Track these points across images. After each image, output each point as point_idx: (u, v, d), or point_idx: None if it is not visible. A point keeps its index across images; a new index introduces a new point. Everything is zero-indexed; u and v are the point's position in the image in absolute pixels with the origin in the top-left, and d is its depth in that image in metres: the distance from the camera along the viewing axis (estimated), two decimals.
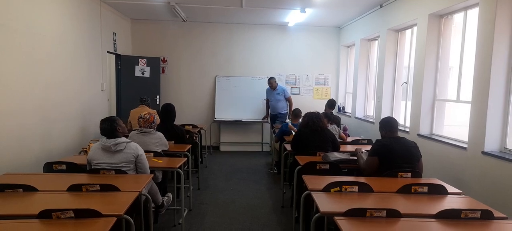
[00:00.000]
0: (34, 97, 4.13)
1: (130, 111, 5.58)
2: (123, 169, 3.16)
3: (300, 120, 5.13)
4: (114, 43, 6.84)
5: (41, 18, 4.28)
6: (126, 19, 7.70)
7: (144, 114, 4.03)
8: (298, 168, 3.58)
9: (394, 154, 3.24)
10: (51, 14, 4.52)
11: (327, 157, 3.70)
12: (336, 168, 3.50)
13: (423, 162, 3.44)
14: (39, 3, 4.23)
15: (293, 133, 5.09)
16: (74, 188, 2.65)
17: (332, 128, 5.02)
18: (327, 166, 3.48)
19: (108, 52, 6.53)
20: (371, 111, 7.06)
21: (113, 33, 6.79)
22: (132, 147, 3.23)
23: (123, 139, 3.22)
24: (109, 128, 3.21)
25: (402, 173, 3.18)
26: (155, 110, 5.67)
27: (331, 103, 6.70)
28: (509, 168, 3.38)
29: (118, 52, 7.03)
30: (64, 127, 4.82)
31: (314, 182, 2.96)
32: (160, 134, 4.08)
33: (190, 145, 4.68)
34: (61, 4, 4.77)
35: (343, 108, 8.43)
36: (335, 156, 3.72)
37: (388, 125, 3.41)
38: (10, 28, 3.69)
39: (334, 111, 7.17)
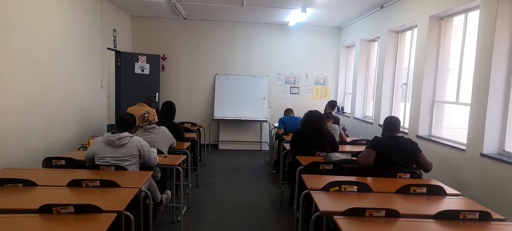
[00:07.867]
0: (34, 93, 4.11)
1: (127, 109, 5.50)
2: (127, 163, 3.18)
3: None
4: (114, 40, 6.82)
5: (41, 14, 4.26)
6: (127, 15, 7.68)
7: (144, 112, 4.08)
8: (300, 168, 3.56)
9: (390, 150, 3.36)
10: (51, 10, 4.50)
11: (329, 157, 3.70)
12: (340, 168, 3.51)
13: None
14: None
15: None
16: (74, 184, 2.66)
17: (333, 127, 5.02)
18: (330, 166, 3.50)
19: (108, 48, 6.51)
20: (370, 112, 7.07)
21: (113, 29, 6.77)
22: (135, 141, 3.28)
23: (126, 133, 3.28)
24: (130, 121, 3.36)
25: (401, 174, 3.22)
26: (154, 109, 5.65)
27: (332, 104, 6.73)
28: (507, 170, 3.40)
29: (118, 48, 7.01)
30: (63, 123, 4.81)
31: (313, 181, 2.97)
32: (162, 128, 4.10)
33: (190, 143, 4.70)
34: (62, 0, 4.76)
35: (342, 108, 8.44)
36: (337, 156, 3.72)
37: (389, 124, 3.57)
38: (10, 24, 3.67)
39: (333, 112, 7.18)
